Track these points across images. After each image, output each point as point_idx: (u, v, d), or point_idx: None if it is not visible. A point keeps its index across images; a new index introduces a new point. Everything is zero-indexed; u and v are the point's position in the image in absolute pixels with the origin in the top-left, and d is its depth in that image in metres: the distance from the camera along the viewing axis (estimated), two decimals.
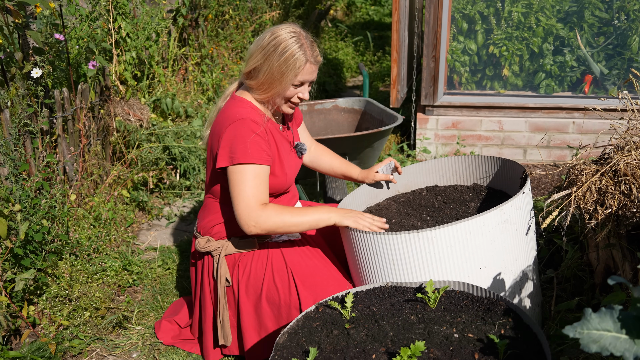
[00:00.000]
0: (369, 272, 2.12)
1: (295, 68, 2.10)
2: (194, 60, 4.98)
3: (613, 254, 2.27)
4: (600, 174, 2.13)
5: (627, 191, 2.06)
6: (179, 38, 4.91)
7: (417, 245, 2.00)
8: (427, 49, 4.24)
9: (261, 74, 2.12)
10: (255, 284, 2.24)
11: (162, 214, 3.79)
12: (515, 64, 4.32)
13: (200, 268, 2.39)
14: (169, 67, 4.66)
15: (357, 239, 2.11)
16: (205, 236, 2.30)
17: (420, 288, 1.87)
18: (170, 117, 4.43)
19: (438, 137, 4.43)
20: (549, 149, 4.32)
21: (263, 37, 2.13)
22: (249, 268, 2.26)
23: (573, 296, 2.48)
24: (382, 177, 2.55)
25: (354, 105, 3.74)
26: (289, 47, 2.08)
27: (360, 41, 7.49)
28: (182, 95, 4.70)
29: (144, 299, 2.95)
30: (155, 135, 3.97)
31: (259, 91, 2.16)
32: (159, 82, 4.45)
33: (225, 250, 2.27)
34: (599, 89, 4.26)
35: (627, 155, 2.10)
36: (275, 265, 2.25)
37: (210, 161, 2.23)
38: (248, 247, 2.28)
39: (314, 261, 2.31)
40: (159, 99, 4.29)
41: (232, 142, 2.08)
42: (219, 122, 2.16)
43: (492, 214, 2.03)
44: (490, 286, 2.09)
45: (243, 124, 2.09)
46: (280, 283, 2.23)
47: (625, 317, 1.26)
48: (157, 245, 3.45)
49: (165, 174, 3.93)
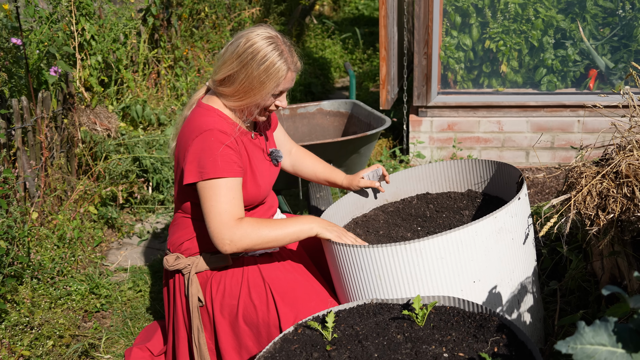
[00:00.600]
0: (353, 288, 2.13)
1: (277, 78, 2.13)
2: (166, 63, 4.99)
3: (618, 263, 2.30)
4: (601, 176, 2.15)
5: (630, 194, 2.08)
6: (149, 39, 4.93)
7: (404, 258, 2.01)
8: (419, 45, 4.28)
9: (237, 82, 2.14)
10: (230, 302, 2.25)
11: (133, 231, 3.79)
12: (514, 59, 4.36)
13: (172, 288, 2.39)
14: (139, 71, 4.68)
15: (340, 252, 2.12)
16: (174, 253, 2.31)
17: (407, 304, 1.88)
18: (141, 125, 4.43)
19: (433, 141, 4.46)
20: (553, 150, 4.36)
21: (237, 43, 2.15)
22: (222, 285, 2.27)
23: (578, 309, 2.50)
24: (367, 184, 2.57)
25: (340, 108, 3.76)
26: (268, 56, 2.11)
27: (349, 38, 7.53)
28: (154, 102, 4.71)
29: (113, 325, 2.94)
30: (125, 146, 3.97)
31: (234, 99, 2.18)
32: (128, 88, 4.46)
33: (195, 267, 2.28)
34: (605, 84, 4.30)
35: (629, 156, 2.13)
36: (252, 281, 2.26)
37: (178, 175, 2.24)
38: (220, 263, 2.29)
39: (295, 275, 2.32)
40: (129, 106, 4.30)
41: (200, 155, 2.09)
42: (184, 134, 2.17)
43: (485, 222, 2.05)
44: (486, 301, 2.10)
45: (210, 135, 2.10)
46: (257, 300, 2.23)
47: (621, 330, 1.28)
48: (127, 266, 3.45)
49: (136, 187, 3.93)
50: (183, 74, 5.14)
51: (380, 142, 4.77)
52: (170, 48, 5.07)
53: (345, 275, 2.14)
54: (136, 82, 4.57)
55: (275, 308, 2.21)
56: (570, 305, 2.58)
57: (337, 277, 2.22)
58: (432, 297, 1.87)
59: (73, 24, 3.84)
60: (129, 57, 4.54)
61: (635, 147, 2.16)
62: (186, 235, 2.30)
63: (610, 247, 2.30)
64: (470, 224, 2.03)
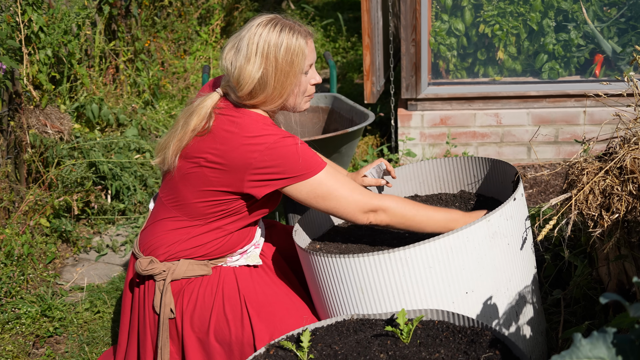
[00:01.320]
0: (332, 303, 2.14)
1: (301, 51, 2.20)
2: (125, 56, 4.98)
3: (626, 268, 2.32)
4: (604, 172, 2.17)
5: (635, 191, 2.10)
6: (106, 30, 4.92)
7: (388, 268, 2.02)
8: (406, 31, 4.30)
9: (269, 81, 2.18)
10: (202, 315, 2.26)
11: (90, 245, 3.78)
12: (512, 45, 4.39)
13: (138, 298, 2.39)
14: (95, 66, 4.67)
15: (317, 263, 2.13)
16: (148, 257, 2.31)
17: (391, 320, 1.89)
18: (98, 126, 4.42)
19: (424, 137, 4.48)
20: (557, 145, 4.39)
21: (242, 46, 2.18)
22: (195, 296, 2.28)
23: (584, 320, 2.52)
24: (372, 182, 2.59)
25: (319, 102, 3.77)
26: (282, 35, 2.18)
27: (331, 25, 7.55)
28: (113, 100, 4.70)
29: (69, 351, 2.93)
30: (80, 150, 3.96)
31: (273, 99, 2.22)
32: (83, 85, 4.45)
33: (171, 274, 2.28)
34: (612, 70, 4.34)
35: (634, 149, 2.15)
36: (227, 293, 2.28)
37: (200, 179, 2.24)
38: (200, 272, 2.30)
39: (273, 288, 2.33)
40: (83, 105, 4.29)
41: (287, 159, 2.15)
42: (235, 141, 2.18)
43: (477, 226, 2.06)
44: (480, 314, 2.11)
45: (288, 141, 2.18)
46: (231, 314, 2.24)
47: (621, 341, 1.29)
48: (84, 284, 3.43)
49: (93, 196, 3.92)
50: (145, 68, 5.13)
51: (366, 140, 4.78)
52: (129, 39, 5.07)
53: (324, 289, 2.15)
54: (92, 78, 4.56)
55: (250, 324, 2.22)
56: (576, 315, 2.60)
57: (315, 290, 2.23)
58: (418, 310, 1.88)
59: (19, 15, 3.83)
60: (83, 50, 4.53)
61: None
62: (169, 239, 2.30)
63: (617, 251, 2.32)
64: (461, 228, 2.04)
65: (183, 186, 2.27)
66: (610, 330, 1.28)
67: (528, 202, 4.01)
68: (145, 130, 4.66)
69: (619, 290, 2.35)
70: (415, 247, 2.01)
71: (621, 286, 2.35)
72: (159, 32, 5.43)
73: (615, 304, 2.39)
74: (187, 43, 5.90)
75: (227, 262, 2.36)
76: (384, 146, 4.59)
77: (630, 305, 1.30)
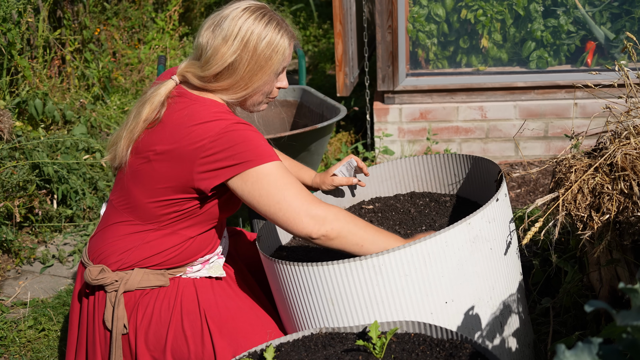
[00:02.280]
0: (300, 315, 2.15)
1: (282, 50, 2.22)
2: (72, 46, 4.95)
3: (618, 272, 2.35)
4: (593, 169, 2.20)
5: (627, 190, 2.14)
6: (50, 17, 4.88)
7: (360, 277, 2.03)
8: (381, 17, 4.32)
9: (240, 69, 2.19)
10: (158, 331, 2.25)
11: (34, 256, 3.75)
12: (497, 31, 4.44)
13: (87, 312, 2.38)
14: (39, 57, 4.63)
15: (283, 272, 2.13)
16: (99, 265, 2.30)
17: (364, 333, 1.90)
18: (42, 124, 4.39)
19: (403, 133, 4.51)
20: (547, 140, 4.44)
21: (224, 27, 2.19)
22: (150, 310, 2.27)
23: (574, 330, 2.55)
24: (342, 182, 2.59)
25: (287, 96, 3.77)
26: (268, 28, 2.20)
27: (301, 10, 7.57)
28: (59, 94, 4.67)
29: None
30: (21, 150, 3.93)
31: (236, 89, 2.23)
32: (25, 78, 4.41)
33: (124, 284, 2.27)
34: (606, 59, 4.40)
35: (626, 144, 2.19)
36: (186, 307, 2.27)
37: (148, 178, 2.23)
38: (156, 282, 2.29)
39: (236, 302, 2.33)
40: (25, 101, 4.26)
41: (237, 146, 2.13)
42: (186, 128, 2.16)
43: (457, 229, 2.08)
44: (461, 325, 2.13)
45: (238, 127, 2.15)
46: (190, 330, 2.24)
47: (607, 352, 1.31)
48: (27, 299, 3.41)
49: (37, 201, 3.89)
50: (94, 59, 5.11)
51: (339, 137, 4.80)
52: (77, 27, 5.03)
53: (290, 300, 2.15)
54: (34, 70, 4.52)
55: (210, 341, 2.21)
56: (566, 325, 2.63)
57: (281, 302, 2.24)
58: (392, 322, 1.90)
59: None
60: (24, 39, 4.49)
61: (632, 133, 2.22)
62: (121, 246, 2.29)
63: (608, 255, 2.36)
64: (439, 232, 2.06)
65: (134, 185, 2.26)
66: (595, 341, 1.30)
67: (516, 203, 4.06)
68: (95, 128, 4.64)
69: (612, 297, 2.38)
70: (389, 254, 2.03)
71: (614, 293, 2.38)
72: (110, 19, 5.40)
73: (607, 312, 2.43)
74: (142, 31, 5.87)
75: (186, 273, 2.35)
76: (359, 143, 4.61)
77: (617, 313, 1.33)
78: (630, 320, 1.29)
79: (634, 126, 2.26)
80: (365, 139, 4.75)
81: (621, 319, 1.32)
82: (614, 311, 1.36)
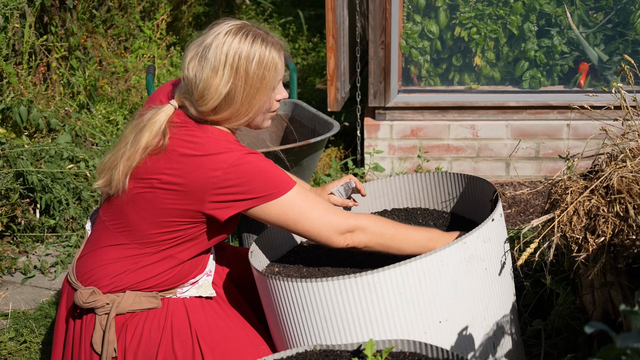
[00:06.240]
0: (293, 333, 2.16)
1: (274, 65, 2.23)
2: (59, 52, 4.96)
3: (612, 296, 2.39)
4: (589, 191, 2.24)
5: (622, 213, 2.18)
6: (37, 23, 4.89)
7: (355, 294, 2.06)
8: (374, 32, 4.37)
9: (238, 96, 2.19)
10: (147, 353, 2.25)
11: (15, 266, 3.74)
12: (490, 50, 4.49)
13: (73, 333, 2.36)
14: (24, 64, 4.63)
15: (275, 288, 2.15)
16: (89, 287, 2.29)
17: (358, 351, 1.92)
18: (26, 132, 4.38)
19: (393, 150, 4.55)
20: (538, 160, 4.49)
21: (210, 57, 2.17)
22: (140, 330, 2.26)
23: (566, 353, 2.59)
24: (338, 202, 2.60)
25: (278, 110, 3.79)
26: (255, 46, 2.20)
27: (291, 23, 7.61)
28: (43, 102, 4.66)
29: None
30: (5, 158, 3.92)
31: (236, 119, 2.24)
32: (9, 85, 4.41)
33: (116, 307, 2.26)
34: (598, 80, 4.46)
35: (622, 167, 2.23)
36: (176, 327, 2.27)
37: (149, 205, 2.23)
38: (148, 305, 2.29)
39: (227, 322, 2.34)
40: (10, 108, 4.25)
41: (253, 178, 2.17)
42: (198, 162, 2.18)
43: (452, 249, 2.11)
44: (455, 345, 2.16)
45: (251, 157, 2.20)
46: (181, 351, 2.24)
47: None
48: (8, 311, 3.40)
49: (19, 210, 3.88)
50: (80, 67, 5.11)
51: (329, 152, 4.83)
52: (64, 34, 5.04)
53: (283, 317, 2.17)
54: (19, 77, 4.52)
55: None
56: (558, 348, 2.66)
57: (273, 318, 2.25)
58: (387, 341, 1.92)
59: None
60: (10, 45, 4.49)
61: (628, 156, 2.26)
62: (114, 269, 2.27)
63: (602, 277, 2.40)
64: (434, 251, 2.09)
65: (132, 210, 2.25)
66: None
67: (506, 223, 4.10)
68: (79, 137, 4.64)
69: (605, 321, 2.42)
70: (384, 271, 2.05)
71: (607, 316, 2.42)
72: (97, 27, 5.41)
73: (600, 336, 2.46)
74: (129, 40, 5.89)
75: (176, 293, 2.35)
76: (349, 159, 4.64)
77: (617, 336, 1.36)
78: (630, 342, 1.32)
79: (630, 149, 2.30)
80: (355, 154, 4.78)
81: (621, 341, 1.35)
82: (614, 333, 1.40)
